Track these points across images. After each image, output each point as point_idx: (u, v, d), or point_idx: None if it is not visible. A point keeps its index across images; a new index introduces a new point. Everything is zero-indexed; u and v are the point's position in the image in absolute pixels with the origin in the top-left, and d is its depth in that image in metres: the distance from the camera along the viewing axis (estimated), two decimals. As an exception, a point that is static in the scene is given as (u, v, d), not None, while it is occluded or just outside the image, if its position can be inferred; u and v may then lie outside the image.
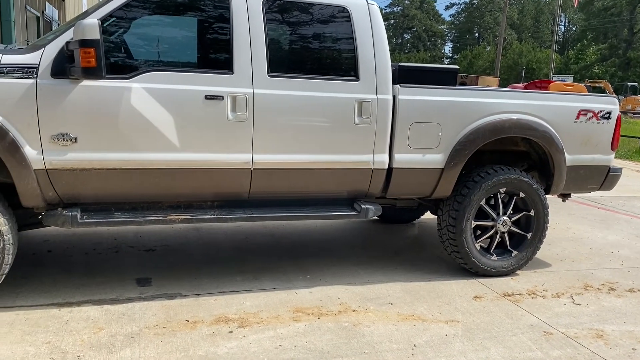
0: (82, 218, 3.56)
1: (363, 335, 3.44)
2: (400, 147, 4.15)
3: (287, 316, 3.65)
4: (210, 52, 3.96)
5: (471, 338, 3.49)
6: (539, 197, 4.59)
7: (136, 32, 3.74)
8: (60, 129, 3.39)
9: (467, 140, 4.26)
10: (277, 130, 3.84)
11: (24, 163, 3.33)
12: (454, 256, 4.56)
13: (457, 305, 3.97)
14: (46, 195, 3.49)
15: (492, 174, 4.43)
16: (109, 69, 3.43)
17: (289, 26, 4.05)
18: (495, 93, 4.54)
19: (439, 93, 4.21)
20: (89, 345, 3.13)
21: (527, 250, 4.66)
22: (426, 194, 4.39)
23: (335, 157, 4.01)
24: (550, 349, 3.40)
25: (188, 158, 3.67)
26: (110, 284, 4.01)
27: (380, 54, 4.05)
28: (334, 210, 4.19)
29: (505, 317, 3.83)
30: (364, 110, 3.99)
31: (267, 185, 3.94)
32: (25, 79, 3.30)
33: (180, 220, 3.77)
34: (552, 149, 4.54)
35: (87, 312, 3.54)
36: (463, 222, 4.37)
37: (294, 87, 3.85)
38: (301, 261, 4.74)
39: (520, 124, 4.40)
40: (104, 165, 3.50)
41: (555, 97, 4.67)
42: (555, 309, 4.01)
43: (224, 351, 3.15)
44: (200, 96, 3.63)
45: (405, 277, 4.50)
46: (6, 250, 3.39)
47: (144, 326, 3.39)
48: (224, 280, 4.20)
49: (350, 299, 3.98)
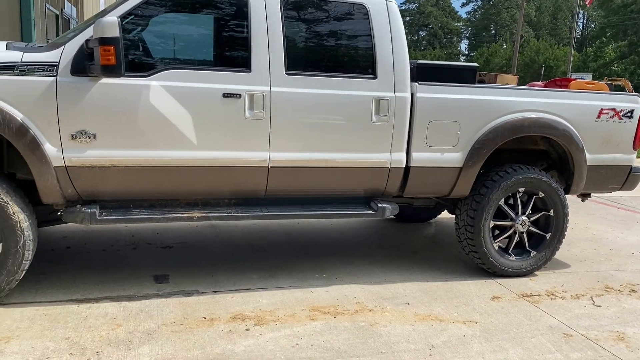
0: (100, 215, 3.59)
1: (380, 335, 3.42)
2: (418, 146, 4.11)
3: (304, 315, 3.64)
4: (228, 50, 3.96)
5: (489, 339, 3.45)
6: (559, 197, 4.53)
7: (154, 30, 3.75)
8: (79, 127, 3.41)
9: (486, 139, 4.21)
10: (294, 128, 3.83)
11: (44, 160, 3.36)
12: (471, 256, 4.52)
13: (475, 306, 3.94)
14: (65, 192, 3.52)
15: (511, 173, 4.38)
16: (127, 67, 3.44)
17: (307, 24, 4.04)
18: (514, 91, 4.49)
19: (457, 91, 4.17)
20: (108, 341, 3.15)
21: (546, 251, 4.60)
22: (444, 193, 4.36)
23: (352, 156, 3.99)
24: (570, 351, 3.35)
25: (205, 156, 3.67)
26: (128, 281, 4.03)
27: (398, 51, 4.02)
28: (350, 209, 4.17)
29: (523, 318, 3.78)
30: (382, 108, 3.97)
31: (283, 184, 3.93)
32: (46, 77, 3.33)
33: (198, 217, 3.78)
34: (572, 148, 4.48)
35: (106, 309, 3.57)
36: (481, 222, 4.33)
37: (311, 85, 3.84)
38: (317, 259, 4.73)
39: (539, 122, 4.34)
40: (123, 162, 3.52)
41: (576, 95, 4.59)
42: (575, 311, 3.96)
43: (241, 349, 3.15)
44: (218, 94, 3.63)
45: (422, 276, 4.47)
46: (26, 246, 3.42)
47: (162, 323, 3.41)
48: (240, 278, 4.21)
49: (366, 298, 3.96)
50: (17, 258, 3.39)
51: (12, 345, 3.05)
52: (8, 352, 2.98)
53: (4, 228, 3.34)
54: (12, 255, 3.38)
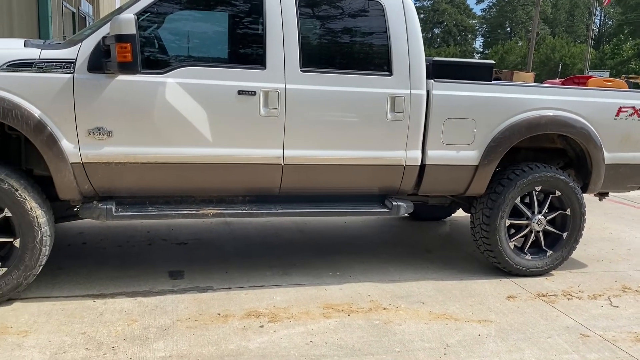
0: (117, 211, 3.61)
1: (394, 333, 3.41)
2: (434, 144, 4.09)
3: (318, 312, 3.64)
4: (243, 47, 3.96)
5: (505, 339, 3.42)
6: (576, 196, 4.48)
7: (170, 27, 3.77)
8: (96, 123, 3.44)
9: (503, 137, 4.17)
10: (309, 125, 3.82)
11: (61, 156, 3.39)
12: (487, 255, 4.48)
13: (490, 305, 3.91)
14: (82, 189, 3.55)
15: (527, 171, 4.34)
16: (143, 64, 3.45)
17: (322, 20, 4.02)
18: (531, 89, 4.44)
19: (474, 88, 4.14)
20: (123, 336, 3.18)
21: (562, 250, 4.55)
22: (460, 191, 4.33)
23: (367, 153, 3.97)
24: (587, 352, 3.31)
25: (220, 153, 3.68)
26: (144, 277, 4.06)
27: (414, 48, 4.00)
28: (364, 206, 4.16)
29: (539, 318, 3.75)
30: (397, 105, 3.95)
31: (298, 181, 3.93)
32: (63, 74, 3.36)
33: (213, 214, 3.79)
34: (590, 147, 4.42)
35: (121, 304, 3.59)
36: (497, 221, 4.29)
37: (326, 82, 3.83)
38: (330, 257, 4.73)
39: (556, 120, 4.29)
40: (139, 159, 3.54)
41: (594, 93, 4.53)
42: (592, 311, 3.91)
43: (255, 345, 3.16)
44: (233, 91, 3.64)
45: (437, 275, 4.45)
46: (43, 241, 3.45)
47: (177, 319, 3.43)
48: (254, 275, 4.22)
49: (380, 297, 3.95)
50: (34, 253, 3.43)
51: (30, 339, 3.09)
52: (26, 345, 3.02)
53: (21, 223, 3.37)
54: (29, 250, 3.42)
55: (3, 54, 3.30)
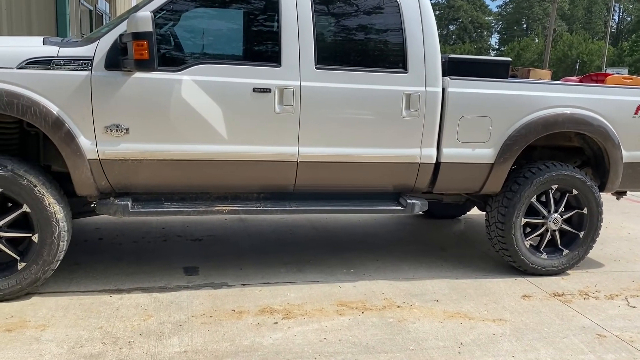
0: (133, 207, 3.65)
1: (408, 331, 3.40)
2: (449, 141, 4.07)
3: (331, 309, 3.64)
4: (258, 44, 3.97)
5: (520, 338, 3.40)
6: (593, 195, 4.42)
7: (186, 25, 3.79)
8: (113, 120, 3.47)
9: (519, 135, 4.13)
10: (324, 123, 3.82)
11: (78, 153, 3.43)
12: (502, 254, 4.45)
13: (505, 304, 3.88)
14: (99, 185, 3.59)
15: (544, 170, 4.30)
16: (160, 62, 3.48)
17: (337, 18, 4.02)
18: (548, 86, 4.39)
19: (490, 86, 4.11)
20: (139, 331, 3.21)
21: (579, 250, 4.50)
22: (475, 189, 4.30)
23: (381, 151, 3.97)
24: (604, 353, 3.27)
25: (235, 150, 3.70)
26: (159, 272, 4.10)
27: (429, 46, 3.98)
28: (379, 204, 4.16)
29: (555, 317, 3.71)
30: (412, 103, 3.93)
31: (312, 178, 3.93)
32: (81, 71, 3.39)
33: (227, 211, 3.81)
34: (608, 145, 4.37)
35: (137, 299, 3.63)
36: (512, 219, 4.26)
37: (341, 79, 3.83)
38: (344, 255, 4.73)
39: (574, 118, 4.25)
40: (155, 156, 3.57)
41: (612, 90, 4.47)
42: (608, 311, 3.87)
43: (269, 342, 3.17)
44: (249, 89, 3.65)
45: (451, 273, 4.43)
46: (61, 237, 3.50)
47: (192, 314, 3.45)
48: (268, 272, 4.23)
49: (394, 295, 3.94)
50: (52, 248, 3.47)
51: (48, 333, 3.13)
52: (44, 339, 3.06)
53: (40, 219, 3.42)
54: (47, 245, 3.46)
55: (22, 52, 3.35)
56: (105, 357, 2.92)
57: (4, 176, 3.32)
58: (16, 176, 3.33)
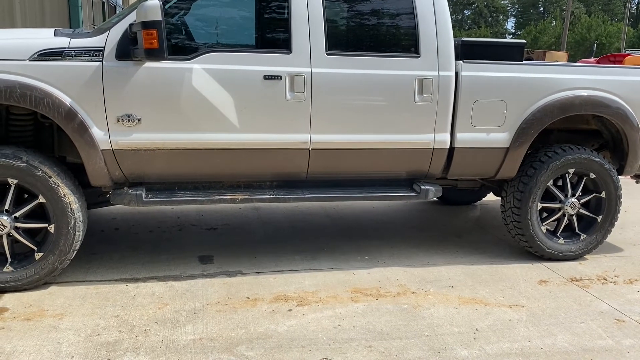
0: (147, 197, 3.67)
1: (423, 317, 3.39)
2: (463, 126, 4.01)
3: (346, 296, 3.64)
4: (269, 31, 3.94)
5: (536, 323, 3.36)
6: (611, 178, 4.35)
7: (196, 13, 3.77)
8: (125, 110, 3.48)
9: (534, 119, 4.07)
10: (335, 109, 3.80)
11: (92, 144, 3.45)
12: (518, 239, 4.40)
13: (521, 290, 3.84)
14: (113, 175, 3.61)
15: (560, 153, 4.23)
16: (170, 51, 3.47)
17: (348, 3, 3.96)
18: (564, 68, 4.31)
19: (504, 69, 4.04)
20: (155, 319, 3.24)
21: (597, 234, 4.44)
22: (490, 174, 4.25)
23: (394, 137, 3.93)
24: (623, 338, 3.23)
25: (247, 138, 3.69)
26: (174, 261, 4.13)
27: (442, 29, 3.91)
28: (392, 191, 4.13)
29: (572, 302, 3.67)
30: (425, 87, 3.88)
31: (324, 166, 3.92)
32: (92, 62, 3.40)
33: (241, 199, 3.82)
34: (627, 127, 4.28)
35: (153, 288, 3.66)
36: (529, 204, 4.21)
37: (353, 65, 3.79)
38: (358, 242, 4.72)
39: (591, 100, 4.16)
40: (167, 145, 3.58)
41: (631, 71, 4.37)
42: (627, 296, 3.81)
43: (284, 329, 3.18)
44: (259, 76, 3.63)
45: (466, 259, 4.39)
46: (77, 227, 3.54)
47: (206, 302, 3.48)
48: (282, 259, 4.24)
49: (409, 281, 3.92)
50: (68, 238, 3.51)
51: (65, 321, 3.17)
52: (62, 327, 3.10)
53: (55, 210, 3.46)
54: (63, 235, 3.50)
55: (34, 44, 3.36)
56: (122, 345, 2.95)
57: (20, 167, 3.35)
58: (31, 167, 3.37)
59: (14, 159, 3.35)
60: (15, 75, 3.28)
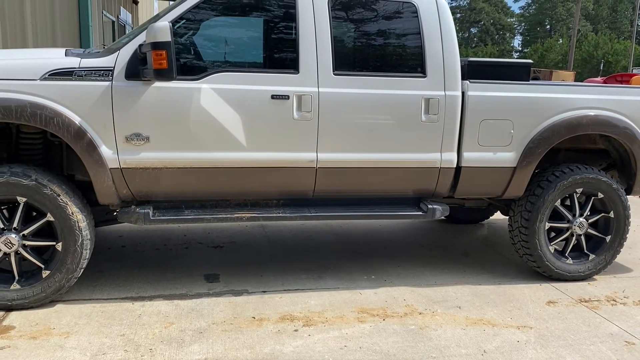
0: (154, 215, 3.68)
1: (430, 338, 3.36)
2: (470, 145, 4.02)
3: (352, 316, 3.62)
4: (277, 51, 3.99)
5: (545, 345, 3.33)
6: (619, 198, 4.32)
7: (205, 34, 3.82)
8: (133, 129, 3.51)
9: (541, 138, 4.06)
10: (342, 128, 3.81)
11: (100, 162, 3.48)
12: (526, 259, 4.37)
13: (530, 311, 3.81)
14: (120, 193, 3.63)
15: (568, 173, 4.22)
16: (179, 71, 3.51)
17: (355, 23, 4.01)
18: (570, 88, 4.32)
19: (510, 89, 4.05)
20: (160, 339, 3.23)
21: (605, 254, 4.40)
22: (497, 193, 4.24)
23: (401, 156, 3.93)
24: (633, 361, 3.19)
25: (255, 157, 3.71)
26: (180, 280, 4.12)
27: (448, 49, 3.94)
28: (399, 210, 4.12)
29: (581, 324, 3.63)
30: (431, 107, 3.90)
31: (331, 184, 3.92)
32: (102, 82, 3.44)
33: (247, 218, 3.82)
34: (635, 147, 4.26)
35: (159, 307, 3.66)
36: (536, 224, 4.19)
37: (359, 85, 3.81)
38: (365, 261, 4.70)
39: (598, 120, 4.16)
40: (175, 164, 3.60)
41: (638, 91, 4.37)
42: (637, 317, 3.76)
43: (290, 349, 3.16)
44: (267, 96, 3.66)
45: (474, 279, 4.36)
46: (84, 245, 3.55)
47: (212, 322, 3.46)
48: (288, 278, 4.23)
49: (416, 301, 3.90)
50: (75, 256, 3.52)
51: (71, 340, 3.17)
52: (67, 346, 3.10)
53: (63, 227, 3.47)
54: (71, 253, 3.51)
55: (45, 64, 3.41)
56: (127, 364, 2.94)
57: (29, 186, 3.38)
58: (40, 185, 3.39)
59: (24, 177, 3.38)
60: (26, 95, 3.33)
